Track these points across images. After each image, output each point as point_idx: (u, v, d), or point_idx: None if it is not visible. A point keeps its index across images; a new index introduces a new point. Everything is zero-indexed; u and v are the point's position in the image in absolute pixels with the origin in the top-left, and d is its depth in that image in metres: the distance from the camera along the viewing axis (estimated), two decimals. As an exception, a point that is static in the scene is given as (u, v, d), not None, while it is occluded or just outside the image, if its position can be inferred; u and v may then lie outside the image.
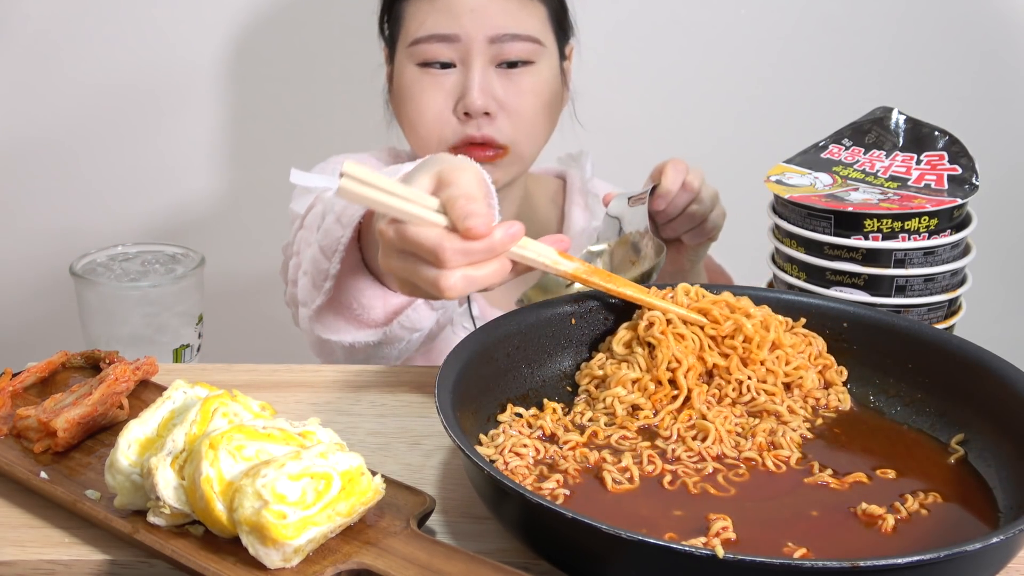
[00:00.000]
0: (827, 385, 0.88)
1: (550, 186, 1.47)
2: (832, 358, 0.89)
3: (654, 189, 1.14)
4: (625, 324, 0.89)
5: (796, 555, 0.67)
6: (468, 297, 1.34)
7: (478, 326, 1.31)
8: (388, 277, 0.99)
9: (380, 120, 1.42)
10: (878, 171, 1.06)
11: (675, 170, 1.13)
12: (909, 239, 0.99)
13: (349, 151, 1.42)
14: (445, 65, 1.26)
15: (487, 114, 1.25)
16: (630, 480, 0.76)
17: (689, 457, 0.79)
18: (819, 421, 0.85)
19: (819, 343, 0.90)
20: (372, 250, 1.01)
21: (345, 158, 1.36)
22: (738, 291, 0.93)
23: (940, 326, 1.01)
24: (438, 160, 0.85)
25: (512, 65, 1.27)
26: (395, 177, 0.91)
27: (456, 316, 1.34)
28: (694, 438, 0.81)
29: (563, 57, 1.35)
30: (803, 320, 0.91)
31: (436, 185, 0.82)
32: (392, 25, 1.33)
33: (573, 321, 0.90)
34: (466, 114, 1.25)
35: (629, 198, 1.13)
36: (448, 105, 1.26)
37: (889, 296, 1.00)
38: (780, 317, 0.90)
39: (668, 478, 0.76)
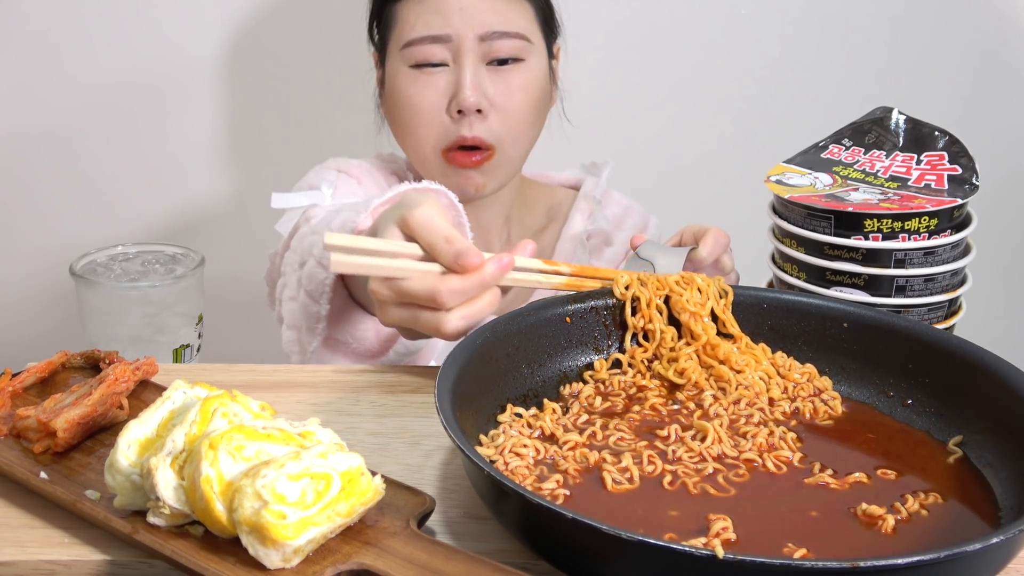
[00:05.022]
0: (818, 392, 0.89)
1: (555, 195, 1.47)
2: (813, 368, 0.90)
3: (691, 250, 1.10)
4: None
5: (796, 555, 0.67)
6: None
7: None
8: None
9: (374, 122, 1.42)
10: (878, 171, 1.06)
11: (716, 243, 1.09)
12: (909, 239, 0.99)
13: (349, 151, 1.42)
14: (437, 65, 1.27)
15: (479, 112, 1.26)
16: (630, 480, 0.76)
17: (689, 457, 0.79)
18: (819, 420, 0.85)
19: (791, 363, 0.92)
20: (356, 284, 1.05)
21: (345, 161, 1.36)
22: (738, 292, 0.94)
23: (940, 326, 1.01)
24: (399, 206, 0.90)
25: (502, 63, 1.28)
26: (365, 221, 0.98)
27: None
28: (693, 438, 0.81)
29: (551, 56, 1.36)
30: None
31: (406, 232, 0.87)
32: (383, 29, 1.34)
33: (568, 320, 0.91)
34: (459, 112, 1.26)
35: (663, 244, 1.11)
36: (442, 104, 1.27)
37: (889, 296, 1.00)
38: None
39: (668, 478, 0.76)
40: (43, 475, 0.76)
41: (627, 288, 0.93)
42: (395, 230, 0.87)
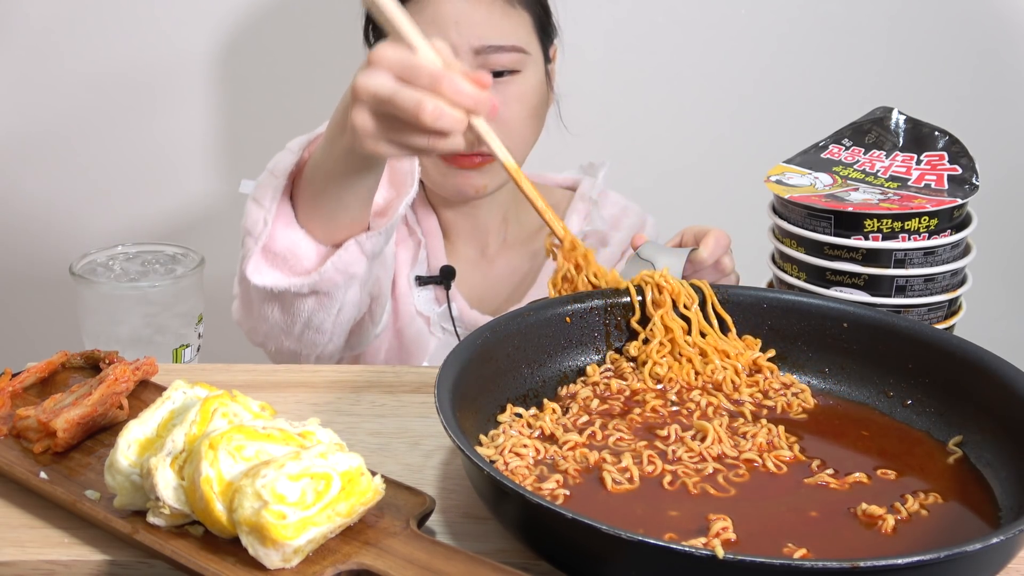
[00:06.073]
0: (786, 386, 0.89)
1: (552, 196, 1.46)
2: (775, 367, 0.91)
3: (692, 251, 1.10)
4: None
5: (796, 555, 0.67)
6: (448, 298, 1.34)
7: (458, 327, 1.33)
8: (335, 155, 1.00)
9: None
10: (878, 171, 1.06)
11: (717, 244, 1.10)
12: (909, 239, 0.99)
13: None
14: None
15: None
16: (630, 480, 0.76)
17: (689, 457, 0.79)
18: (793, 413, 0.86)
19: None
20: (303, 205, 1.06)
21: None
22: (738, 292, 0.94)
23: (940, 326, 1.01)
24: None
25: (499, 74, 1.26)
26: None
27: (435, 317, 1.35)
28: (693, 438, 0.81)
29: (547, 60, 1.34)
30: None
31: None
32: (377, 35, 1.32)
33: (568, 320, 0.91)
34: None
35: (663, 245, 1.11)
36: None
37: (889, 296, 1.00)
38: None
39: (668, 478, 0.76)
40: (43, 475, 0.76)
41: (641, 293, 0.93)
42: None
